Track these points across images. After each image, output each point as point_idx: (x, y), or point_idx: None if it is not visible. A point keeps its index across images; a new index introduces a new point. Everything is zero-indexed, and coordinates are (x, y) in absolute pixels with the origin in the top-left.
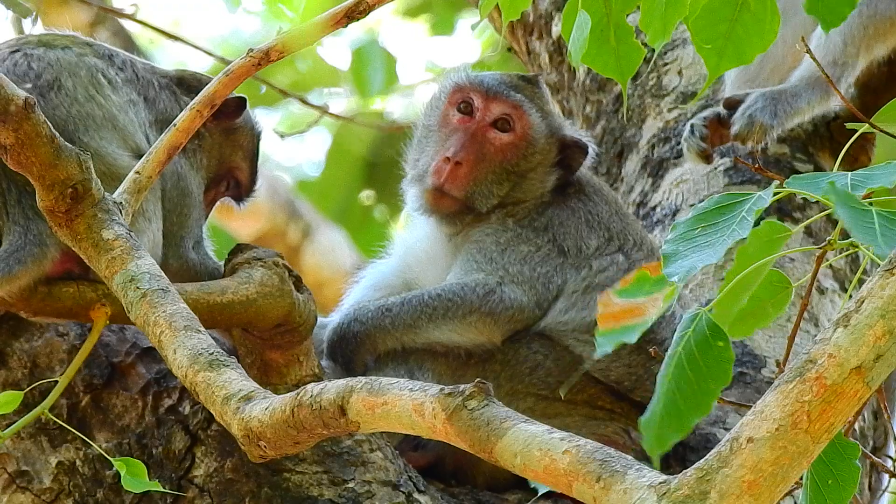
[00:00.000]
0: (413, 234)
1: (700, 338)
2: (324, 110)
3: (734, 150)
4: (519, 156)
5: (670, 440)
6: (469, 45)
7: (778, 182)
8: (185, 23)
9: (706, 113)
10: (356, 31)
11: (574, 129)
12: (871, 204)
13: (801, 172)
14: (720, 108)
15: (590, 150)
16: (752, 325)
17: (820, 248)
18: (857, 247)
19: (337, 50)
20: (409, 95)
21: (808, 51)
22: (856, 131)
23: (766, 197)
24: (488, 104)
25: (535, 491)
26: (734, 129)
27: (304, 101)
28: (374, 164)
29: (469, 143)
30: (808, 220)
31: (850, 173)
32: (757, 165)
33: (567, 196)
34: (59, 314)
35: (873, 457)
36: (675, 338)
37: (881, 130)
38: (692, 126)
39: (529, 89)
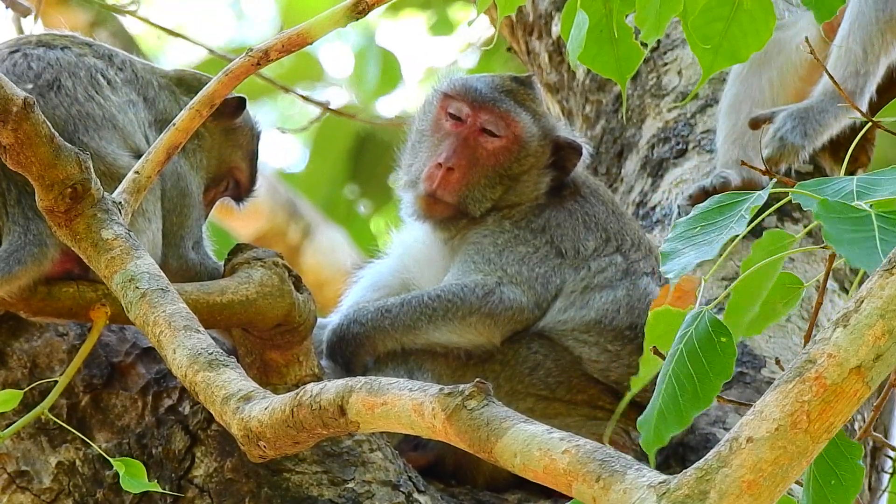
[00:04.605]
0: (410, 235)
1: (703, 335)
2: (325, 106)
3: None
4: (511, 159)
5: (668, 434)
6: (466, 43)
7: (775, 181)
8: (187, 26)
9: (692, 190)
10: (355, 32)
11: (568, 130)
12: (871, 206)
13: (800, 173)
14: (706, 182)
15: (584, 151)
16: (762, 324)
17: (822, 246)
18: None
19: (324, 46)
20: (408, 93)
21: (824, 67)
22: (858, 133)
23: (763, 196)
24: (476, 113)
25: (535, 491)
26: (766, 152)
27: (307, 98)
28: (357, 159)
29: (461, 148)
30: (810, 226)
31: (855, 178)
32: (764, 169)
33: (563, 197)
34: (59, 314)
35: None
36: (676, 336)
37: (886, 129)
38: (679, 207)
39: (522, 91)
